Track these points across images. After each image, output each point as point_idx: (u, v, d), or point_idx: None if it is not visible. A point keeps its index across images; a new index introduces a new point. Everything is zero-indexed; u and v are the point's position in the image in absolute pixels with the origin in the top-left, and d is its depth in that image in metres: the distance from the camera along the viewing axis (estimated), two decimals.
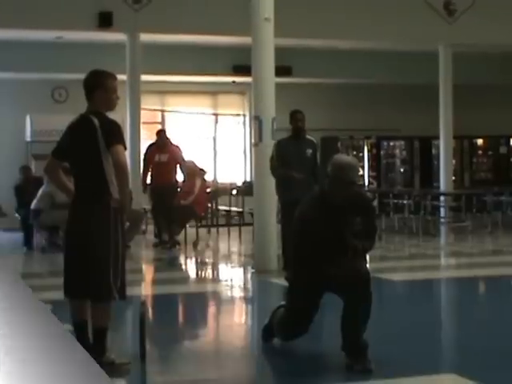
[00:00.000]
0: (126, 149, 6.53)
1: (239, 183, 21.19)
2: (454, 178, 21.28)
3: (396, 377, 6.37)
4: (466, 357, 7.12)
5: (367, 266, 6.98)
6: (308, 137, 11.46)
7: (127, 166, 6.56)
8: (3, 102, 19.74)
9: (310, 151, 11.19)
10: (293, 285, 7.06)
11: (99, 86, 6.54)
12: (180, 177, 16.06)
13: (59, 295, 6.72)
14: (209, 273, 13.53)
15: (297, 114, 11.38)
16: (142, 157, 16.55)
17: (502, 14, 18.90)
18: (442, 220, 19.26)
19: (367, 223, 6.81)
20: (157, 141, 16.00)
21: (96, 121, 6.41)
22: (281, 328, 7.15)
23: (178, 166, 15.79)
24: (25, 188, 16.05)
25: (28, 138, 19.66)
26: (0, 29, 16.53)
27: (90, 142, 6.38)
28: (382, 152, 23.68)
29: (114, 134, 6.42)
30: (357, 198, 6.81)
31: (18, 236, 15.94)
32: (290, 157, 11.07)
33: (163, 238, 15.67)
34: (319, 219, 6.67)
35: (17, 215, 16.10)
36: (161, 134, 16.19)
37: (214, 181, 20.80)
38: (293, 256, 7.05)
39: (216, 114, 22.64)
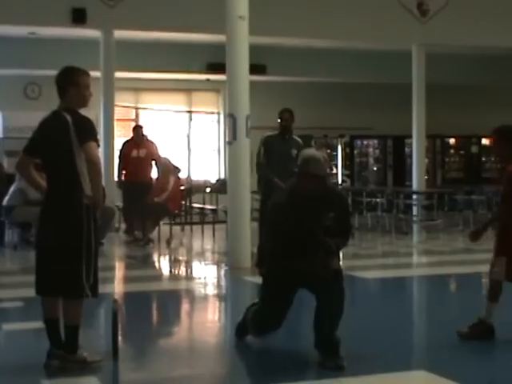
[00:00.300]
0: (99, 145, 6.49)
1: (213, 181, 21.18)
2: (426, 176, 21.39)
3: (367, 374, 6.36)
4: (436, 354, 7.13)
5: (340, 263, 6.95)
6: (295, 137, 11.47)
7: (100, 163, 6.53)
8: None
9: (295, 151, 11.06)
10: (266, 280, 7.05)
11: (72, 83, 6.50)
12: (154, 174, 16.03)
13: (31, 292, 6.66)
14: (182, 270, 13.50)
15: (283, 113, 11.48)
16: (116, 153, 16.50)
17: (475, 16, 19.02)
18: (415, 218, 19.33)
19: (341, 219, 6.76)
20: (133, 137, 16.00)
21: (69, 117, 6.37)
22: (254, 323, 7.14)
23: (153, 162, 15.79)
24: None
25: (0, 135, 19.55)
26: None
27: (63, 138, 6.33)
28: (355, 151, 23.79)
29: (86, 130, 6.38)
30: (328, 193, 6.77)
31: None
32: (274, 154, 11.11)
33: (136, 236, 15.64)
34: (288, 209, 6.68)
35: None
36: (137, 129, 16.21)
37: (188, 178, 20.78)
38: (267, 250, 7.02)
39: (190, 112, 22.63)
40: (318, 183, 6.66)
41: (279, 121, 11.45)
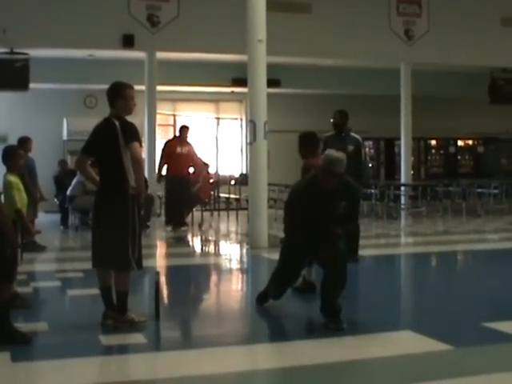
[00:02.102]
0: (141, 145, 6.51)
1: (237, 175, 21.17)
2: (412, 171, 21.28)
3: (362, 333, 6.38)
4: (421, 316, 7.14)
5: (345, 246, 6.90)
6: (352, 134, 10.61)
7: (142, 160, 6.56)
8: (45, 107, 19.68)
9: (351, 147, 10.25)
10: (285, 244, 7.06)
11: (119, 95, 6.52)
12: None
13: (89, 265, 6.70)
14: (211, 248, 13.51)
15: (334, 113, 10.82)
16: (158, 153, 16.41)
17: (451, 40, 18.95)
18: (403, 206, 19.26)
19: (351, 208, 6.71)
20: (179, 135, 15.48)
21: (117, 123, 6.40)
22: (273, 281, 7.15)
23: (192, 159, 15.45)
24: (62, 178, 16.06)
25: (65, 137, 19.64)
26: (45, 48, 16.57)
27: (112, 140, 6.36)
28: None
29: (131, 133, 6.40)
30: (345, 187, 6.68)
31: (57, 217, 15.93)
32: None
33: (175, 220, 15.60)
34: (307, 199, 6.64)
35: (55, 200, 16.08)
36: (185, 129, 15.43)
37: (216, 173, 20.78)
38: (286, 224, 7.00)
39: (218, 118, 22.60)
40: (338, 180, 6.61)
41: (331, 121, 10.77)
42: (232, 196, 18.54)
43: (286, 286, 7.16)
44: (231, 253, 12.73)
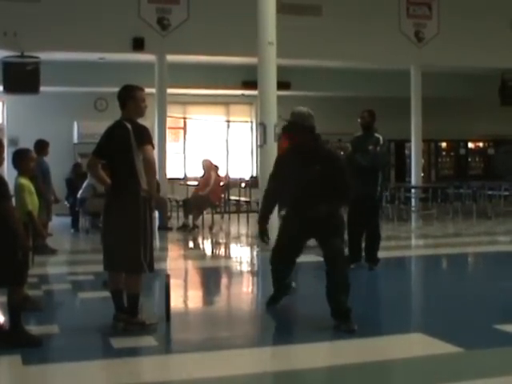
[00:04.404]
0: (153, 148, 6.51)
1: (247, 178, 21.16)
2: (422, 174, 21.24)
3: (373, 336, 6.36)
4: (431, 319, 7.12)
5: (344, 244, 6.89)
6: (376, 134, 10.38)
7: (155, 162, 6.55)
8: (56, 110, 19.72)
9: (371, 147, 10.11)
10: (283, 221, 7.17)
11: (130, 98, 6.53)
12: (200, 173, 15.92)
13: (100, 268, 6.71)
14: (222, 251, 13.52)
15: (362, 112, 10.59)
16: (168, 155, 16.42)
17: (461, 42, 18.91)
18: (413, 208, 19.23)
19: (339, 181, 6.62)
20: None
21: (129, 125, 6.40)
22: (273, 255, 7.15)
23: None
24: (74, 181, 16.10)
25: (75, 140, 19.70)
26: (56, 51, 16.60)
27: (124, 142, 6.36)
28: None
29: (144, 136, 6.40)
30: (319, 150, 6.71)
31: (67, 220, 15.96)
32: (354, 150, 10.32)
33: (185, 223, 15.65)
34: (286, 162, 6.86)
35: (66, 203, 16.11)
36: None
37: (227, 175, 20.78)
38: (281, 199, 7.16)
39: (228, 121, 22.61)
40: (307, 137, 6.64)
41: (359, 120, 10.51)
42: (242, 199, 18.54)
43: (285, 260, 7.11)
44: (242, 255, 12.74)
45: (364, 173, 9.82)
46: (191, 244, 14.08)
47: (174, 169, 20.35)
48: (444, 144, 24.79)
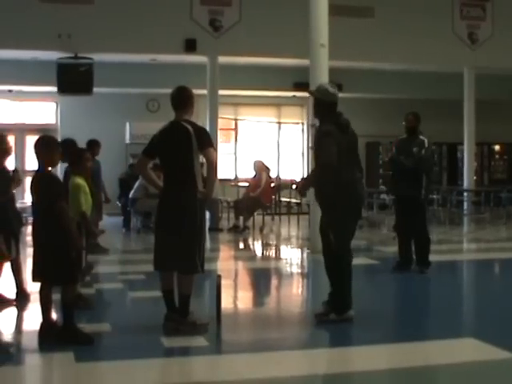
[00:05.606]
0: (215, 150, 6.54)
1: (298, 179, 21.11)
2: (475, 177, 20.99)
3: (423, 340, 6.32)
4: (483, 324, 7.03)
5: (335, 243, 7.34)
6: (420, 137, 10.09)
7: (217, 165, 6.58)
8: (108, 111, 19.96)
9: (415, 149, 9.89)
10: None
11: (190, 99, 6.59)
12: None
13: (151, 268, 6.74)
14: (272, 252, 13.52)
15: (407, 115, 10.27)
16: (220, 156, 16.47)
17: None
18: (465, 212, 19.04)
19: (352, 156, 7.28)
20: None
21: (189, 127, 6.42)
22: None
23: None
24: (127, 180, 16.24)
25: (127, 141, 19.90)
26: (109, 53, 16.83)
27: (184, 144, 6.38)
28: None
29: (206, 138, 6.44)
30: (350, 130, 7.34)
31: (119, 220, 16.13)
32: (399, 153, 10.16)
33: (236, 224, 15.71)
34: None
35: (117, 203, 16.28)
36: None
37: (278, 177, 20.79)
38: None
39: (279, 123, 22.62)
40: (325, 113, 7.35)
41: (403, 123, 10.25)
42: (293, 200, 18.53)
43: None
44: (292, 257, 12.73)
45: (408, 175, 9.79)
46: (242, 245, 14.12)
47: (225, 170, 20.43)
48: (497, 147, 24.47)
